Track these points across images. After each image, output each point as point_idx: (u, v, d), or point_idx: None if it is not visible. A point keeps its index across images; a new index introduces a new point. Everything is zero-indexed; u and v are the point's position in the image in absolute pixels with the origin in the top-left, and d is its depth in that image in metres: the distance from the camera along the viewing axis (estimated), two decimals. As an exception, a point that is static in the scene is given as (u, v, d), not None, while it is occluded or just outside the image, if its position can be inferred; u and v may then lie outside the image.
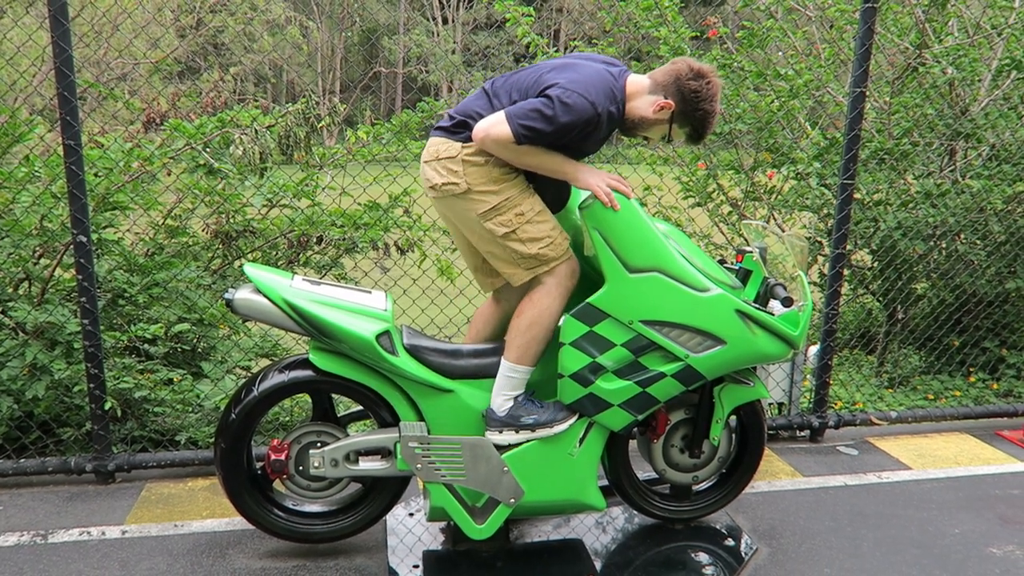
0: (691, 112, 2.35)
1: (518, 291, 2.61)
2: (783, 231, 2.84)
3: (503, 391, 2.47)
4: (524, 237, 2.39)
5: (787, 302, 2.47)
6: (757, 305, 2.52)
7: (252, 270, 2.47)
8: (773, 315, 2.51)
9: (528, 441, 2.50)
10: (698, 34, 4.91)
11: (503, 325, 2.76)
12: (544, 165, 2.35)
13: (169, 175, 3.83)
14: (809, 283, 2.73)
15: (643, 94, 2.38)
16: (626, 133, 2.46)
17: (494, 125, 2.25)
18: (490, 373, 2.53)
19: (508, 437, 2.46)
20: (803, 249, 2.70)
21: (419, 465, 2.47)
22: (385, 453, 2.59)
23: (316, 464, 2.54)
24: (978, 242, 4.74)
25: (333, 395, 2.70)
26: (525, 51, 4.11)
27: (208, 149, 3.69)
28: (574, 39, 5.37)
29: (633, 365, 2.45)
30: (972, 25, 4.72)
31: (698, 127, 2.38)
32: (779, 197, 4.94)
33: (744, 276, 2.69)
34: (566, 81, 2.24)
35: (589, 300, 2.40)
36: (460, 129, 2.39)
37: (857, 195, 4.51)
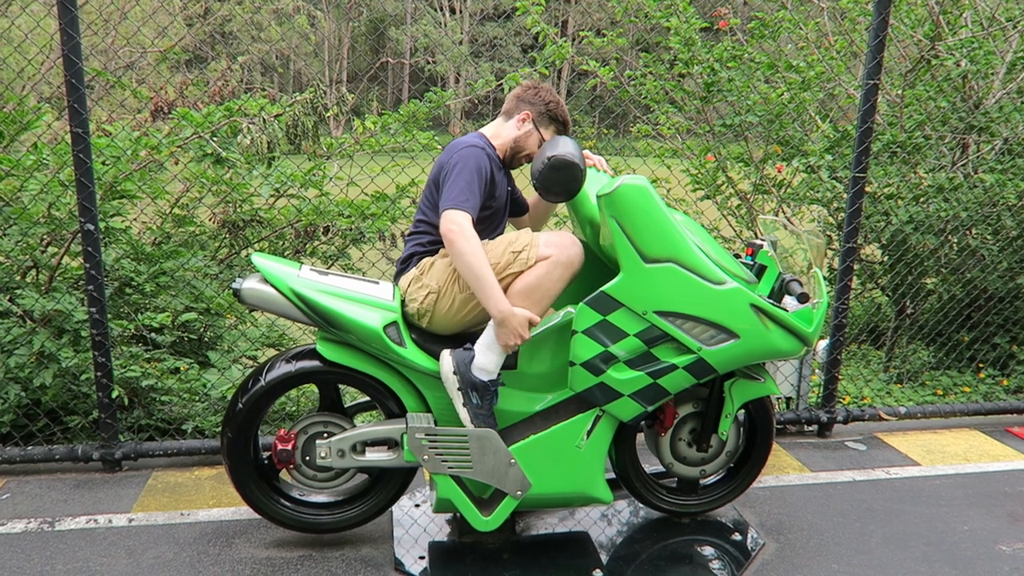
0: (545, 109, 2.64)
1: None
2: (799, 227, 2.81)
3: (491, 351, 2.41)
4: (496, 259, 2.43)
5: (803, 298, 2.45)
6: (772, 300, 2.50)
7: (259, 260, 2.46)
8: (787, 311, 2.49)
9: (457, 412, 2.47)
10: (708, 25, 4.87)
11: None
12: (480, 271, 2.35)
13: (176, 164, 3.82)
14: (824, 279, 2.70)
15: (501, 127, 2.67)
16: (514, 164, 2.70)
17: (443, 220, 2.38)
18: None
19: (450, 384, 2.42)
20: (820, 246, 2.67)
21: (426, 456, 2.46)
22: (392, 444, 2.58)
23: (323, 454, 2.53)
24: (989, 237, 4.70)
25: (340, 386, 2.69)
26: (534, 41, 4.08)
27: (216, 138, 3.68)
28: (583, 30, 5.32)
29: (645, 356, 2.43)
30: (987, 17, 4.66)
31: (557, 116, 2.66)
32: (789, 190, 4.91)
33: (759, 271, 2.67)
34: (452, 157, 2.50)
35: (603, 289, 2.38)
36: (408, 262, 2.61)
37: (869, 188, 4.48)
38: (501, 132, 2.65)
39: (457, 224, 2.35)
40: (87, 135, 2.95)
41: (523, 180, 2.75)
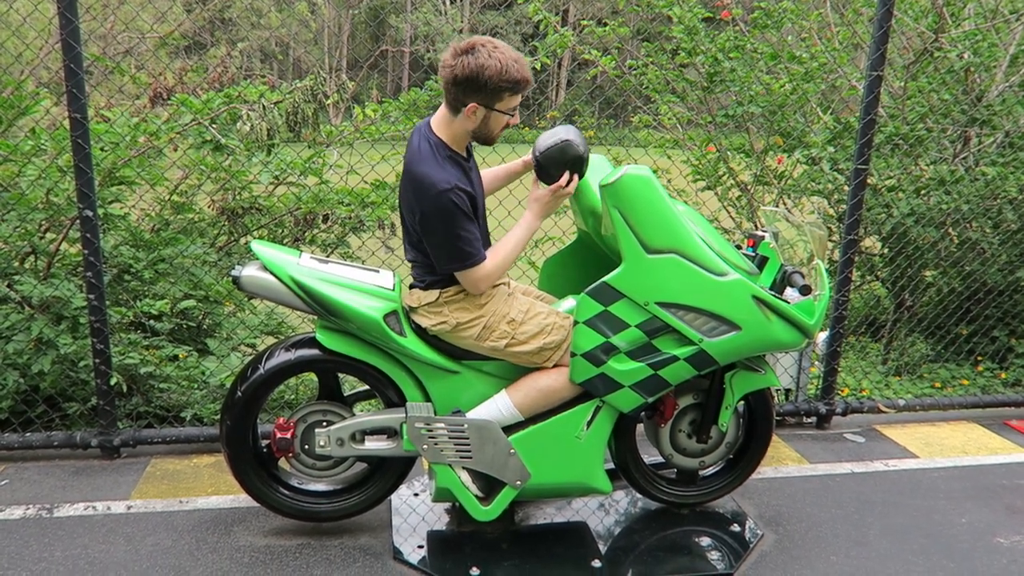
0: (490, 90, 2.25)
1: None
2: (800, 218, 2.80)
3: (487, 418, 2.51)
4: (524, 339, 2.46)
5: (805, 290, 2.44)
6: (773, 292, 2.49)
7: (259, 247, 2.45)
8: (789, 303, 2.48)
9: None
10: (711, 15, 4.84)
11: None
12: (514, 245, 2.44)
13: (175, 151, 3.80)
14: (827, 271, 2.70)
15: (451, 122, 2.35)
16: (487, 142, 2.42)
17: (467, 284, 2.39)
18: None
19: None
20: (821, 237, 2.66)
21: (425, 446, 2.46)
22: (391, 433, 2.58)
23: (322, 443, 2.53)
24: (989, 230, 4.69)
25: (339, 374, 2.69)
26: (535, 30, 4.04)
27: (215, 125, 3.66)
28: (583, 19, 5.30)
29: (646, 347, 2.43)
30: (990, 9, 4.64)
31: (506, 85, 2.25)
32: (790, 182, 4.89)
33: (760, 262, 2.66)
34: (424, 206, 2.29)
35: (605, 279, 2.38)
36: (430, 283, 2.47)
37: (870, 180, 4.47)
38: (453, 128, 2.36)
39: (473, 283, 2.37)
40: (86, 121, 2.93)
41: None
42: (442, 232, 2.30)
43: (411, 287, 2.54)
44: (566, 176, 2.40)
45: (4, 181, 3.39)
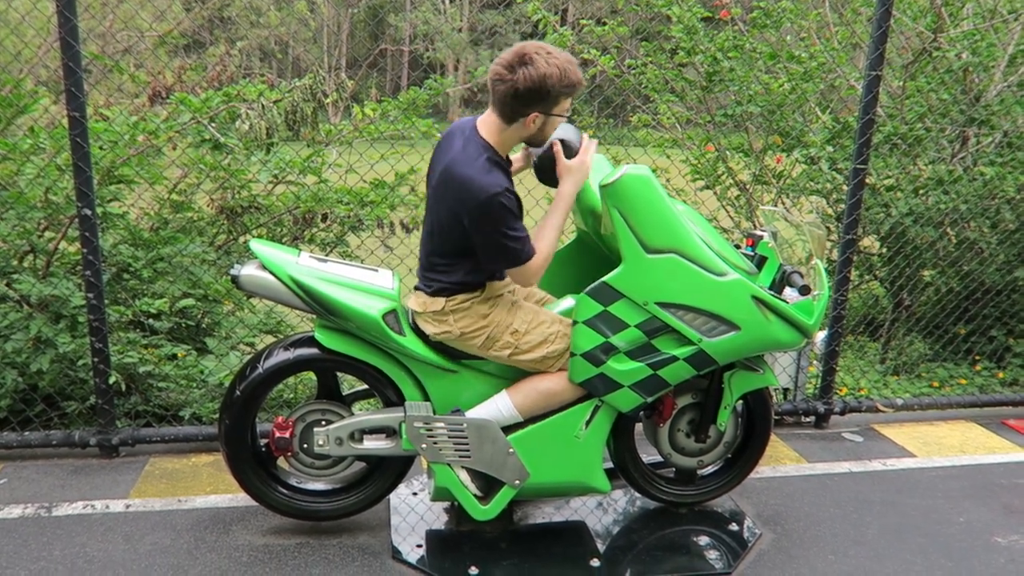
0: (552, 96, 2.24)
1: None
2: (799, 218, 2.80)
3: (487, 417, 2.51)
4: (527, 348, 2.46)
5: (804, 290, 2.44)
6: (772, 292, 2.50)
7: (258, 246, 2.45)
8: (788, 302, 2.49)
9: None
10: (710, 14, 4.84)
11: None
12: (556, 228, 2.41)
13: (174, 149, 3.79)
14: (826, 270, 2.69)
15: (502, 130, 2.32)
16: (539, 145, 2.42)
17: (520, 278, 2.38)
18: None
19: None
20: (820, 237, 2.67)
21: (424, 445, 2.46)
22: (390, 432, 2.58)
23: (321, 442, 2.53)
24: (987, 230, 4.69)
25: (338, 373, 2.69)
26: (534, 29, 4.05)
27: (214, 123, 3.66)
28: (582, 18, 5.30)
29: (646, 347, 2.43)
30: (988, 9, 4.65)
31: (565, 90, 2.25)
32: (789, 181, 4.90)
33: (759, 261, 2.66)
34: (474, 210, 2.24)
35: (605, 279, 2.38)
36: (436, 290, 2.44)
37: (868, 180, 4.47)
38: (505, 136, 2.33)
39: (526, 278, 2.36)
40: (84, 119, 2.93)
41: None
42: (494, 234, 2.27)
43: (416, 288, 2.53)
44: (585, 137, 2.40)
45: (3, 179, 3.39)
